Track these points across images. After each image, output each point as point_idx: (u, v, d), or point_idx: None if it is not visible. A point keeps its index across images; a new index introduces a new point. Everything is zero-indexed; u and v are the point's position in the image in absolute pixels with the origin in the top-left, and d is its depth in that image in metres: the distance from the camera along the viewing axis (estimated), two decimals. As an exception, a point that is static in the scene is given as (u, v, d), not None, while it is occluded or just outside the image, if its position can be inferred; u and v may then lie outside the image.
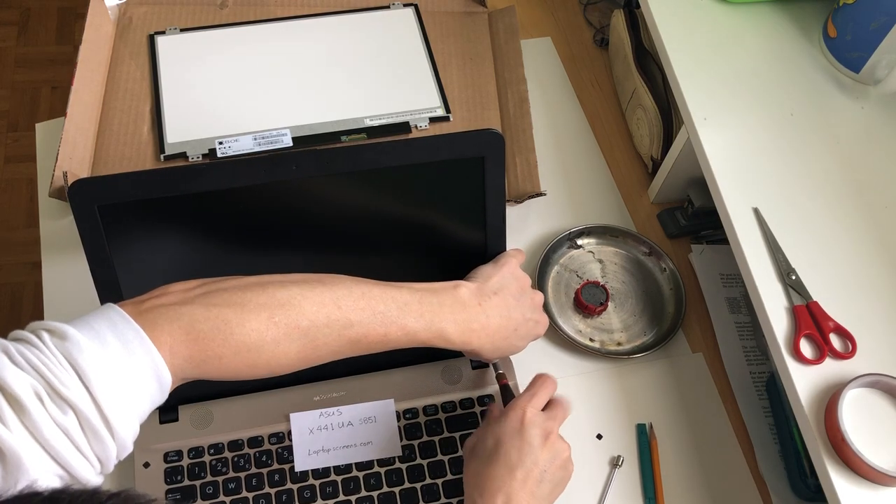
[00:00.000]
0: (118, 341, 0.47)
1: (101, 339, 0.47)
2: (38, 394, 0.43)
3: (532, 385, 0.65)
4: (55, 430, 0.43)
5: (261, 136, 0.87)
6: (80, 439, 0.44)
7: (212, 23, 0.97)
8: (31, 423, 0.42)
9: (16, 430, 0.42)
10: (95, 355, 0.45)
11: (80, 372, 0.44)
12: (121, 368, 0.47)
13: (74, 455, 0.44)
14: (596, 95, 0.99)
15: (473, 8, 1.02)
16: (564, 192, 0.90)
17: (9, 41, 2.08)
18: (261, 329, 0.53)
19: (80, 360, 0.45)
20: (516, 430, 0.61)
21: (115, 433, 0.46)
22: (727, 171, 0.73)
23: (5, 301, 1.68)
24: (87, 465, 0.45)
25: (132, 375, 0.47)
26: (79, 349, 0.45)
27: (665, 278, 0.84)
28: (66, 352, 0.45)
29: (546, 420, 0.62)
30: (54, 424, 0.43)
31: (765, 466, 0.73)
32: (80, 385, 0.44)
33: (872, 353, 0.65)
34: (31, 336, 0.46)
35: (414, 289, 0.61)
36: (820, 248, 0.69)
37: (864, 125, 0.78)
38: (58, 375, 0.44)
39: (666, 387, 0.78)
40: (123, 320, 0.48)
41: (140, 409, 0.48)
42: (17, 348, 0.44)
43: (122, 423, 0.46)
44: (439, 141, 0.66)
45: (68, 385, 0.44)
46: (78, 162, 0.82)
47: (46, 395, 0.43)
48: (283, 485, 0.69)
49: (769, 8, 0.85)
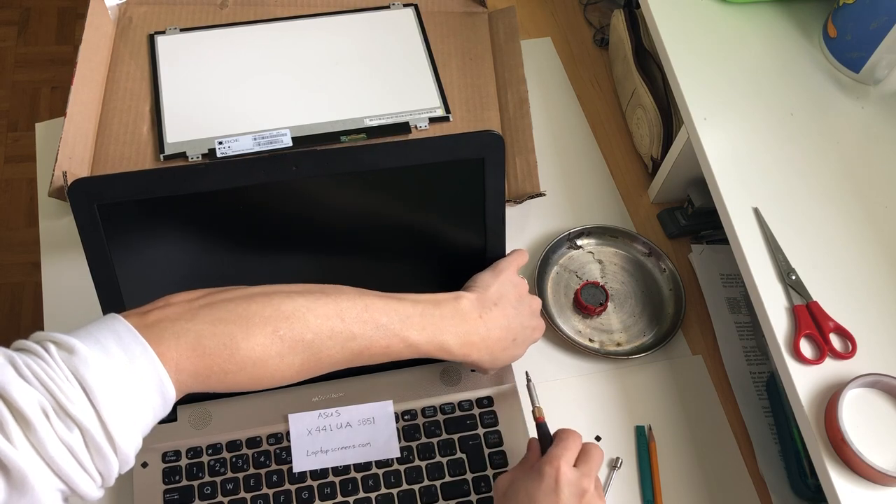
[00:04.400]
0: (124, 355, 0.47)
1: (107, 352, 0.47)
2: (44, 410, 0.43)
3: (564, 439, 0.63)
4: (60, 448, 0.43)
5: (260, 136, 0.87)
6: (83, 456, 0.45)
7: (212, 23, 0.97)
8: (37, 440, 0.42)
9: (21, 447, 0.42)
10: (102, 371, 0.45)
11: (86, 388, 0.45)
12: (126, 383, 0.47)
13: (77, 471, 0.44)
14: (596, 95, 0.99)
15: (473, 8, 1.02)
16: (564, 192, 0.90)
17: (9, 41, 2.08)
18: (266, 343, 0.53)
19: (87, 376, 0.45)
20: (552, 488, 0.59)
21: (118, 449, 0.46)
22: (727, 171, 0.73)
23: (5, 301, 1.68)
24: (90, 481, 0.45)
25: (137, 390, 0.47)
26: (86, 364, 0.45)
27: (665, 279, 0.84)
28: (72, 367, 0.45)
29: (581, 478, 0.60)
30: (59, 442, 0.43)
31: (765, 466, 0.73)
32: (87, 402, 0.44)
33: (872, 353, 0.65)
34: (37, 347, 0.46)
35: (416, 301, 0.61)
36: (820, 248, 0.69)
37: (864, 125, 0.78)
38: (64, 391, 0.44)
39: (665, 388, 0.78)
40: (130, 334, 0.48)
41: (143, 424, 0.48)
42: (23, 360, 0.44)
43: (126, 440, 0.46)
44: (439, 142, 0.66)
45: (74, 401, 0.44)
46: (78, 162, 0.82)
47: (52, 411, 0.43)
48: (281, 485, 0.69)
49: (769, 8, 0.85)
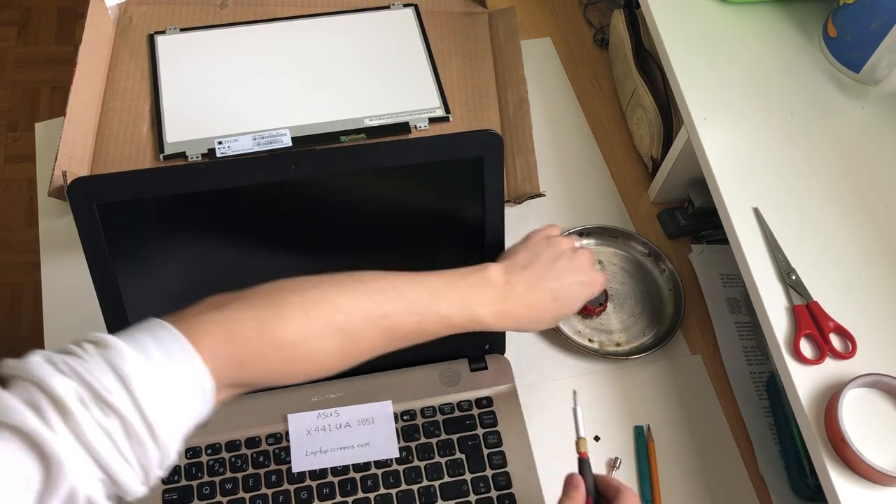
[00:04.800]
0: (158, 348, 0.48)
1: (142, 346, 0.47)
2: (81, 398, 0.44)
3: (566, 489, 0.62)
4: (98, 432, 0.44)
5: (260, 136, 0.87)
6: (122, 443, 0.45)
7: (212, 23, 0.97)
8: (75, 425, 0.43)
9: (59, 432, 0.42)
10: (137, 361, 0.46)
11: (122, 377, 0.45)
12: (162, 374, 0.47)
13: (117, 459, 0.44)
14: (596, 95, 0.99)
15: (473, 8, 1.01)
16: (564, 192, 0.90)
17: (9, 41, 2.08)
18: (298, 326, 0.53)
19: (123, 366, 0.45)
20: None
21: (157, 438, 0.46)
22: (727, 171, 0.73)
23: (5, 301, 1.68)
24: (130, 471, 0.45)
25: (174, 380, 0.48)
26: (121, 356, 0.46)
27: (664, 279, 0.84)
28: (108, 359, 0.46)
29: None
30: (97, 426, 0.44)
31: (765, 466, 0.73)
32: (124, 390, 0.45)
33: (872, 353, 0.65)
34: (74, 347, 0.47)
35: (442, 275, 0.61)
36: (820, 248, 0.69)
37: (864, 125, 0.78)
38: (101, 381, 0.45)
39: (665, 388, 0.78)
40: (162, 328, 0.49)
41: (182, 415, 0.49)
42: (61, 358, 0.45)
43: (165, 428, 0.46)
44: (437, 141, 0.66)
45: (111, 390, 0.45)
46: (77, 161, 0.82)
47: (90, 399, 0.44)
48: (280, 486, 0.69)
49: (769, 8, 0.85)
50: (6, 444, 0.41)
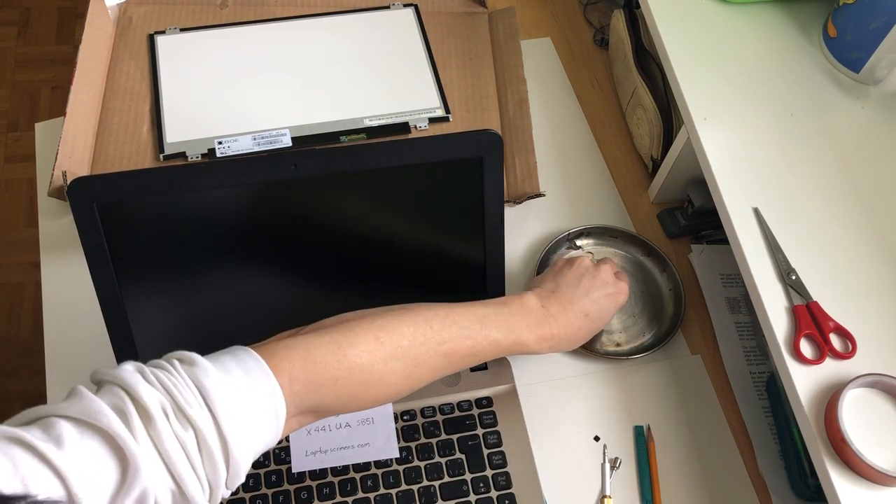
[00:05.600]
0: (240, 369, 0.51)
1: (225, 367, 0.51)
2: (164, 409, 0.47)
3: None
4: (175, 443, 0.46)
5: (260, 136, 0.87)
6: (195, 457, 0.47)
7: (212, 23, 0.97)
8: (156, 434, 0.46)
9: (141, 439, 0.45)
10: (220, 380, 0.49)
11: (204, 394, 0.48)
12: (242, 394, 0.50)
13: (188, 470, 0.47)
14: (596, 95, 0.99)
15: (473, 8, 1.02)
16: (564, 192, 0.90)
17: (9, 41, 2.08)
18: (370, 349, 0.57)
19: (206, 384, 0.49)
20: None
21: (230, 456, 0.49)
22: (727, 171, 0.73)
23: (5, 301, 1.68)
24: (197, 485, 0.48)
25: (252, 400, 0.51)
26: (205, 373, 0.49)
27: (664, 279, 0.84)
28: (193, 375, 0.49)
29: None
30: (175, 437, 0.46)
31: (765, 466, 0.73)
32: (204, 406, 0.48)
33: (872, 353, 0.65)
34: (163, 362, 0.51)
35: (486, 304, 0.65)
36: (820, 248, 0.69)
37: (864, 125, 0.78)
38: (184, 395, 0.48)
39: (664, 388, 0.78)
40: (244, 352, 0.53)
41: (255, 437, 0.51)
42: (150, 370, 0.49)
43: (239, 448, 0.49)
44: (437, 141, 0.66)
45: (192, 405, 0.48)
46: (77, 161, 0.82)
47: (172, 411, 0.47)
48: (279, 486, 0.69)
49: (769, 8, 0.85)
50: (91, 443, 0.44)
